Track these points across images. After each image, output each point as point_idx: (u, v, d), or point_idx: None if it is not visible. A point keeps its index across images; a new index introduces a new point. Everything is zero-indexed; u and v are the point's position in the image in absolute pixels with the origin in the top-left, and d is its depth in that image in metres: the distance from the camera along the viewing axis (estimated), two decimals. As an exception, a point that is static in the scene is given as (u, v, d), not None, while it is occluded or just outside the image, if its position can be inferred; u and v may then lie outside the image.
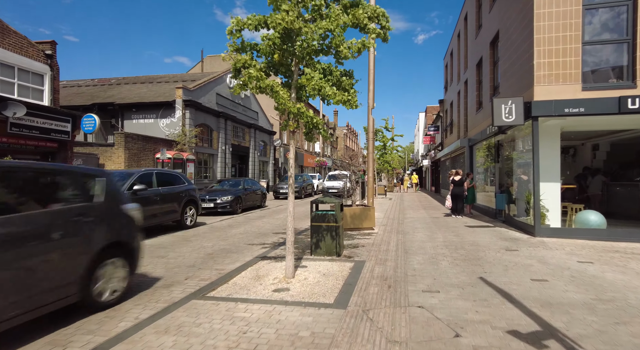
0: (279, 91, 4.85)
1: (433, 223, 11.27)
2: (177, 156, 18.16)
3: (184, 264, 6.31)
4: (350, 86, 6.06)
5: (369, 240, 8.34)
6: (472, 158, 16.07)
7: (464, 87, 17.74)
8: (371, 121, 14.24)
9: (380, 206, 17.22)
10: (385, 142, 27.97)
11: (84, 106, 20.79)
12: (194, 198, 10.87)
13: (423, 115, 49.90)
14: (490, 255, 6.68)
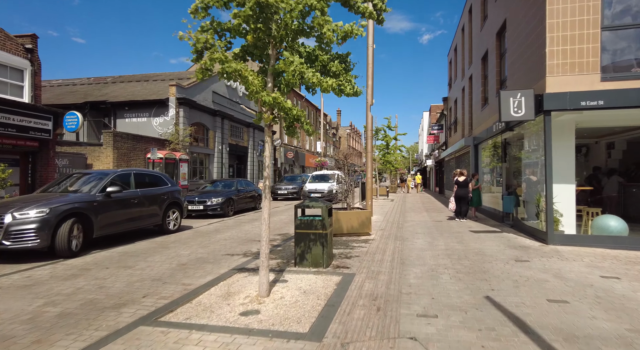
0: (247, 76, 4.09)
1: (435, 228, 10.46)
2: (169, 156, 17.47)
3: (149, 277, 5.56)
4: (342, 71, 5.31)
5: (363, 248, 7.55)
6: (477, 158, 15.23)
7: (469, 83, 16.89)
8: (370, 118, 13.45)
9: (380, 208, 16.42)
10: (388, 141, 27.18)
11: (75, 104, 20.18)
12: (177, 200, 10.14)
13: (427, 114, 48.96)
14: (497, 268, 5.87)
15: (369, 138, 13.38)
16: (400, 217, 13.01)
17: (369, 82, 13.45)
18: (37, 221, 6.47)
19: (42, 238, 6.48)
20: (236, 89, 26.25)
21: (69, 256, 6.85)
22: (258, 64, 5.05)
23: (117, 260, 6.65)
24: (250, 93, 4.19)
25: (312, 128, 5.22)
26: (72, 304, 4.40)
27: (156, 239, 8.98)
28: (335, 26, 4.54)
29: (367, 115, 13.40)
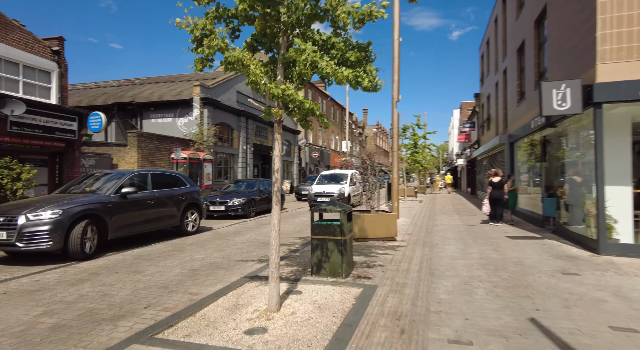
0: (249, 65, 3.64)
1: (467, 232, 9.69)
2: (192, 156, 17.46)
3: (157, 284, 5.23)
4: (360, 60, 4.79)
5: (387, 255, 6.96)
6: (512, 156, 14.20)
7: (503, 78, 15.83)
8: (396, 116, 12.79)
9: (408, 210, 15.67)
10: (417, 140, 26.21)
11: (104, 106, 20.63)
12: (196, 201, 9.89)
13: (458, 111, 47.28)
14: (542, 282, 5.14)
15: (395, 136, 12.71)
16: (429, 220, 12.27)
17: (395, 77, 12.79)
18: (49, 223, 6.32)
19: (54, 240, 6.32)
20: (261, 88, 26.07)
21: (82, 259, 6.67)
22: (269, 56, 4.62)
23: (128, 264, 6.40)
24: (252, 84, 3.74)
25: (327, 120, 4.73)
26: (70, 314, 4.11)
27: (173, 241, 8.75)
28: (351, 7, 4.01)
29: (393, 112, 12.74)
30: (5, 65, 11.34)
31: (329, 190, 15.96)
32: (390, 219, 8.51)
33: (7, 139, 10.76)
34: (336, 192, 15.62)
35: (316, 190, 16.37)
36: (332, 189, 16.04)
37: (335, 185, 16.41)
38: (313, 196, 16.11)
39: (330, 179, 17.60)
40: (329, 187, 16.26)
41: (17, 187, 9.77)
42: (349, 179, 16.95)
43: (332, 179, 17.47)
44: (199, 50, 3.60)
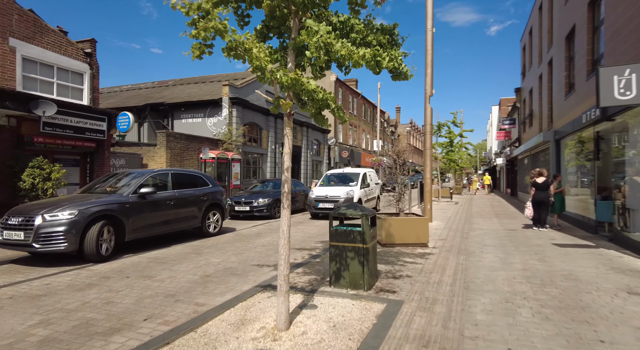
0: (252, 48, 3.17)
1: (508, 238, 8.79)
2: (221, 156, 17.40)
3: (164, 292, 4.91)
4: (384, 45, 4.27)
5: (417, 264, 6.31)
6: (558, 155, 12.98)
7: (548, 69, 14.54)
8: (429, 111, 12.00)
9: (442, 213, 14.77)
10: (453, 138, 24.99)
11: (137, 107, 21.11)
12: (218, 202, 9.64)
13: (496, 108, 45.01)
14: (603, 303, 4.33)
15: (428, 133, 11.93)
16: (465, 224, 11.38)
17: (428, 71, 12.00)
18: (65, 223, 6.20)
19: (70, 241, 6.19)
20: (290, 87, 25.83)
21: (97, 260, 6.52)
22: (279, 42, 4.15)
23: (142, 268, 6.16)
24: (257, 70, 3.27)
25: (345, 115, 4.20)
26: (65, 325, 3.83)
27: (194, 242, 8.51)
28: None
29: (425, 107, 11.96)
30: (40, 68, 11.64)
31: (333, 194, 12.75)
32: (421, 224, 7.82)
33: (42, 139, 11.01)
34: (342, 197, 12.48)
35: (317, 194, 12.98)
36: (338, 192, 12.83)
37: (342, 188, 13.22)
38: (313, 202, 12.93)
39: (338, 179, 14.41)
40: (334, 190, 13.05)
41: (47, 186, 9.96)
42: (361, 179, 13.79)
43: (340, 180, 14.31)
44: (192, 33, 3.17)
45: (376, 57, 3.65)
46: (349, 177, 14.36)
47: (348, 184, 13.80)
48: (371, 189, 14.60)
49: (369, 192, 14.16)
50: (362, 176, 14.07)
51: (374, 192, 14.85)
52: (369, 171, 15.48)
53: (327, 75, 34.72)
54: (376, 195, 15.20)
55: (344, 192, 12.81)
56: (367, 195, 13.92)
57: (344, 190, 12.96)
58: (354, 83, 43.66)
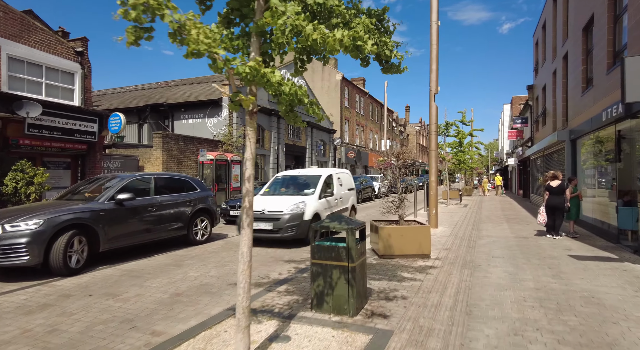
0: (190, 29, 2.55)
1: (519, 248, 8.03)
2: (220, 157, 16.89)
3: (123, 315, 4.32)
4: (372, 31, 3.68)
5: (415, 280, 5.63)
6: (574, 155, 12.11)
7: (563, 64, 13.66)
8: (434, 109, 11.27)
9: (449, 217, 14.00)
10: (462, 138, 24.08)
11: (137, 108, 20.77)
12: (207, 207, 9.07)
13: (508, 107, 43.80)
14: (635, 340, 3.60)
15: (433, 133, 11.21)
16: (472, 230, 10.62)
17: (433, 66, 11.28)
18: (28, 235, 5.67)
19: (32, 254, 5.66)
20: (293, 86, 25.24)
21: (65, 274, 5.99)
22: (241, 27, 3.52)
23: (111, 284, 5.60)
24: (192, 56, 2.65)
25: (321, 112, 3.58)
26: (-10, 361, 3.27)
27: (177, 252, 7.95)
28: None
29: (430, 105, 11.24)
30: (27, 67, 11.24)
31: (273, 209, 8.40)
32: (423, 233, 7.12)
33: (28, 141, 10.60)
34: (286, 213, 8.28)
35: (256, 206, 8.37)
36: (281, 205, 8.51)
37: (290, 199, 8.90)
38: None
39: (291, 185, 10.12)
40: (277, 203, 8.67)
41: (30, 191, 9.52)
42: (321, 186, 9.45)
43: (293, 186, 10.04)
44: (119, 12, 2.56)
45: (356, 40, 2.99)
46: (305, 182, 9.96)
47: (302, 191, 9.50)
48: (339, 198, 10.23)
49: (334, 204, 9.84)
50: (324, 180, 9.69)
51: (343, 202, 10.53)
52: (339, 173, 11.14)
53: (333, 74, 34.10)
54: (348, 206, 10.88)
55: (289, 206, 8.35)
56: (331, 207, 9.62)
57: (290, 202, 8.49)
58: (361, 82, 42.92)
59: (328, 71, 34.18)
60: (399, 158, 7.69)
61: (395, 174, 7.73)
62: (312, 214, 8.63)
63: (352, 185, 11.95)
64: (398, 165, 7.69)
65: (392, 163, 7.59)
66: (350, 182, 11.93)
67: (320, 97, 32.04)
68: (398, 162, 7.68)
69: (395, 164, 7.64)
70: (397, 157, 7.72)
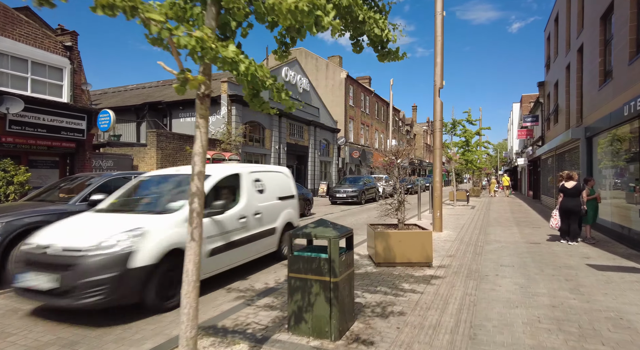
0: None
1: (530, 255, 7.31)
2: (216, 156, 16.33)
3: (67, 337, 3.74)
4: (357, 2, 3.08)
5: (413, 293, 4.97)
6: (590, 154, 11.32)
7: (577, 57, 12.86)
8: (438, 105, 10.57)
9: (455, 219, 13.28)
10: (469, 137, 23.23)
11: (135, 106, 20.36)
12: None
13: (517, 106, 42.77)
14: (676, 375, 2.91)
15: (437, 130, 10.52)
16: (480, 235, 9.90)
17: (438, 60, 10.58)
18: (-19, 240, 5.09)
19: (-14, 261, 5.07)
20: (295, 84, 24.69)
21: (26, 283, 5.40)
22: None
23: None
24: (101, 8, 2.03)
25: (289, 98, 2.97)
26: None
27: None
28: None
29: (435, 101, 10.54)
30: (12, 62, 10.77)
31: (71, 245, 4.13)
32: (424, 239, 6.45)
33: (11, 139, 10.13)
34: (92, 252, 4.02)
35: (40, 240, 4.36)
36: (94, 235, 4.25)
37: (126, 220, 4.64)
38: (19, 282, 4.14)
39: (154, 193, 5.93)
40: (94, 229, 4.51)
41: (9, 190, 9.04)
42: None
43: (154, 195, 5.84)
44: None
45: (316, 9, 2.36)
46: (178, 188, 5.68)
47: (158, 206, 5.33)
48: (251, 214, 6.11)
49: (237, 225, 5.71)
50: (214, 186, 5.53)
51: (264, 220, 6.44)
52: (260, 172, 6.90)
53: (337, 72, 33.46)
54: (277, 226, 6.83)
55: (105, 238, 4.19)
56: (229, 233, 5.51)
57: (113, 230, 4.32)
58: (366, 81, 42.21)
59: (332, 69, 33.54)
60: (399, 156, 7.03)
61: (394, 174, 7.07)
62: (160, 253, 4.33)
63: (289, 191, 7.67)
64: (397, 164, 7.03)
65: (392, 162, 6.92)
66: (287, 187, 7.66)
67: (324, 95, 31.41)
68: (397, 160, 7.02)
69: (396, 162, 6.98)
70: (396, 155, 7.06)
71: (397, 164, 7.04)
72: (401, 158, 7.04)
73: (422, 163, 60.14)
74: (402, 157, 7.06)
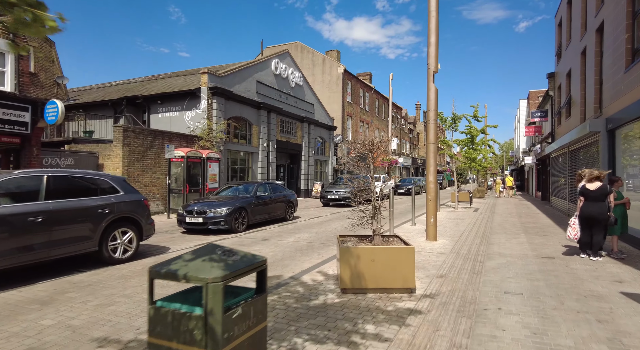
0: None
1: (544, 277, 5.73)
2: (192, 154, 14.90)
3: None
4: None
5: (377, 342, 3.43)
6: (613, 150, 9.69)
7: (596, 38, 11.20)
8: (432, 92, 9.02)
9: (454, 225, 11.69)
10: (474, 134, 21.58)
11: (112, 101, 18.99)
12: (131, 216, 7.02)
13: (524, 102, 40.95)
14: None
15: (432, 121, 8.97)
16: (480, 245, 8.32)
17: (432, 39, 9.03)
18: None
19: None
20: (287, 78, 23.18)
21: None
22: None
23: None
24: None
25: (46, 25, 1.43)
26: None
27: (73, 277, 5.89)
28: None
29: (428, 87, 8.99)
30: (-59, 45, 9.39)
31: None
32: (404, 257, 4.90)
33: (-64, 133, 8.75)
34: None
35: None
36: None
37: None
38: None
39: None
40: None
41: None
42: None
43: None
44: None
45: None
46: None
47: None
48: None
49: None
50: None
51: None
52: None
53: (335, 66, 31.92)
54: None
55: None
56: None
57: None
58: (367, 77, 40.64)
59: (329, 64, 32.01)
60: (374, 150, 5.48)
61: (370, 172, 5.52)
62: None
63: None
64: (371, 159, 5.48)
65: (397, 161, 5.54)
66: None
67: (320, 91, 29.92)
68: (373, 154, 5.47)
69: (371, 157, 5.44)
70: (371, 148, 5.51)
71: (371, 160, 5.49)
72: (378, 153, 5.49)
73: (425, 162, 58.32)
74: (379, 153, 5.51)
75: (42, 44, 19.39)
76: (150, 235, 7.56)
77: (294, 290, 5.08)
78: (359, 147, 5.66)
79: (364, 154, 5.64)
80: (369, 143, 5.50)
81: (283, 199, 12.77)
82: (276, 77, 22.21)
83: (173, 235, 9.89)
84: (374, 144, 5.49)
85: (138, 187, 13.63)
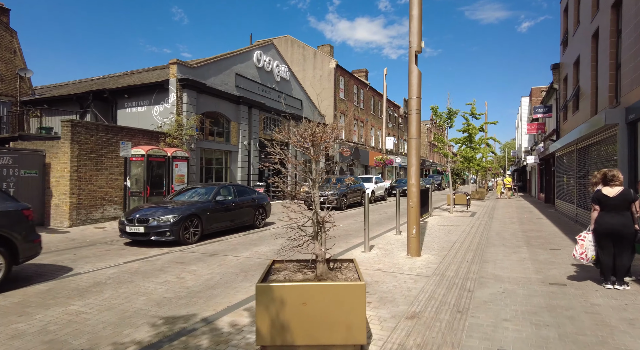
0: None
1: (555, 321, 4.12)
2: (154, 153, 13.32)
3: None
4: None
5: None
6: (634, 146, 8.08)
7: (611, 16, 9.59)
8: (415, 76, 7.41)
9: (446, 234, 10.08)
10: (473, 132, 19.95)
11: (77, 95, 17.48)
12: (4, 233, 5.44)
13: (526, 99, 39.25)
14: None
15: (414, 110, 7.38)
16: (472, 263, 6.71)
17: (414, 12, 7.42)
18: None
19: None
20: (272, 71, 21.61)
21: None
22: None
23: None
24: None
25: None
26: None
27: None
28: None
29: (410, 69, 7.40)
30: None
31: None
32: (350, 297, 3.31)
33: None
34: None
35: None
36: None
37: None
38: None
39: None
40: None
41: None
42: None
43: None
44: None
45: None
46: None
47: None
48: None
49: None
50: None
51: None
52: None
53: (326, 61, 30.33)
54: None
55: None
56: None
57: None
58: (362, 74, 39.01)
59: (321, 58, 30.43)
60: (315, 143, 3.91)
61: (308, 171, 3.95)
62: None
63: None
64: (314, 156, 3.91)
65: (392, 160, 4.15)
66: None
67: (311, 87, 28.31)
68: (315, 148, 3.90)
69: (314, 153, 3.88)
70: (312, 141, 3.93)
71: (313, 156, 3.92)
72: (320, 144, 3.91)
73: (424, 162, 56.85)
74: (322, 144, 3.93)
75: (1, 33, 17.89)
76: (33, 256, 5.90)
77: (194, 346, 3.51)
78: (296, 139, 4.06)
79: (303, 148, 4.05)
80: (309, 134, 3.92)
81: (251, 204, 11.19)
82: (259, 70, 20.64)
83: (110, 248, 8.34)
84: (314, 134, 3.91)
85: (91, 190, 12.10)
